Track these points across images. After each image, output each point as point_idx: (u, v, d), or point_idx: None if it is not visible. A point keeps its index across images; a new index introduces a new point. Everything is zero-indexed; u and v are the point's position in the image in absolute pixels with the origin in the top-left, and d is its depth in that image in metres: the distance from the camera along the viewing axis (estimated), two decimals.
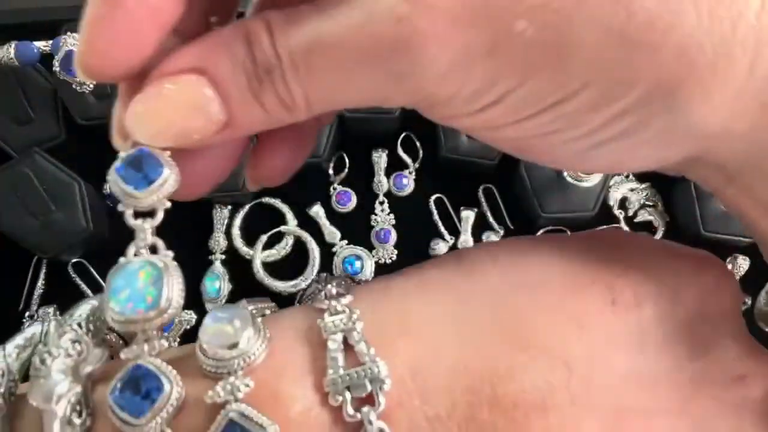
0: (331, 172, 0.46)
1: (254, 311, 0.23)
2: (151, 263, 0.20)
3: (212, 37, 0.19)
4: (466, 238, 0.43)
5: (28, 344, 0.22)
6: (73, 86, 0.39)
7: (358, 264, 0.43)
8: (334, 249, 0.44)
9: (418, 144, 0.46)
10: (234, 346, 0.19)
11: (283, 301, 0.42)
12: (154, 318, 0.19)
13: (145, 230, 0.21)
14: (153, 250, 0.21)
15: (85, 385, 0.20)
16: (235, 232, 0.44)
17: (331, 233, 0.44)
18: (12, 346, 0.22)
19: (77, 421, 0.19)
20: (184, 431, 0.19)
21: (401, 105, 0.19)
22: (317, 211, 0.44)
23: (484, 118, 0.19)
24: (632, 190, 0.44)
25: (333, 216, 0.45)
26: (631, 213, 0.44)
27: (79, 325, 0.21)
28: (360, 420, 0.19)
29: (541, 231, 0.44)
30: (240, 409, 0.18)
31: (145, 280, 0.20)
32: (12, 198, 0.41)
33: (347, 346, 0.20)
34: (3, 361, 0.21)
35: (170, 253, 0.21)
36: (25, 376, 0.21)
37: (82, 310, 0.22)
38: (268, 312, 0.24)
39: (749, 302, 0.43)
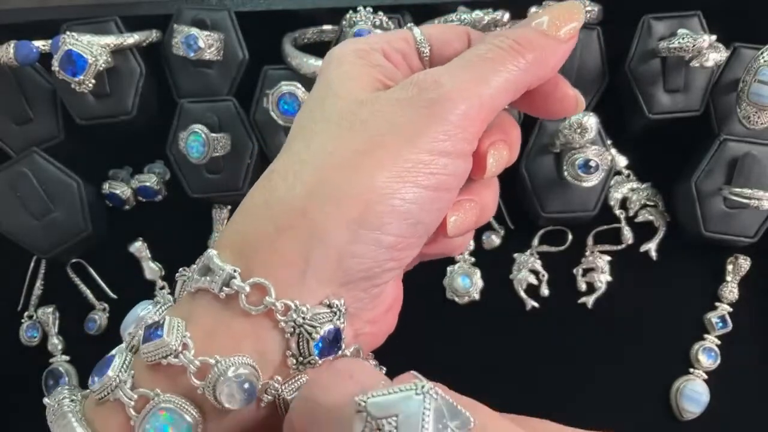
0: None
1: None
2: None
3: None
4: None
5: None
6: (73, 86, 0.39)
7: None
8: None
9: None
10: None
11: None
12: None
13: None
14: None
15: None
16: None
17: None
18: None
19: None
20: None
21: None
22: None
23: None
24: (633, 190, 0.44)
25: None
26: (631, 213, 0.44)
27: None
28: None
29: (541, 231, 0.44)
30: None
31: None
32: (11, 198, 0.41)
33: None
34: None
35: None
36: None
37: None
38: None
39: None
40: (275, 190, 0.25)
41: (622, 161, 0.45)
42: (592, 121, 0.38)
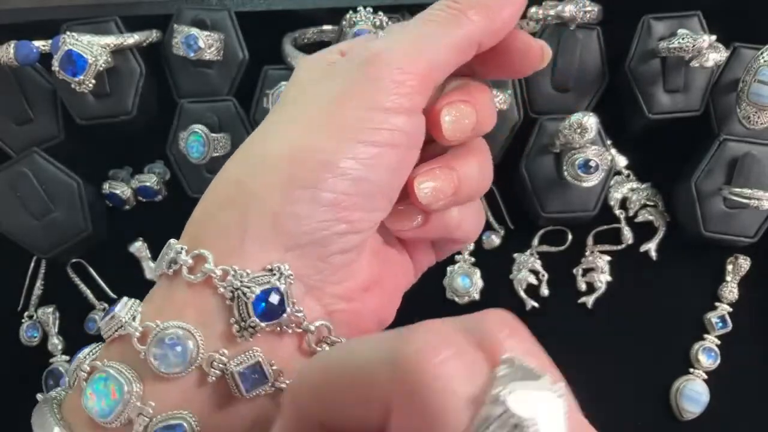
0: None
1: None
2: None
3: None
4: None
5: None
6: (73, 86, 0.39)
7: None
8: None
9: None
10: None
11: None
12: None
13: None
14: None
15: None
16: None
17: None
18: None
19: None
20: None
21: None
22: None
23: None
24: (633, 190, 0.44)
25: None
26: (631, 213, 0.44)
27: None
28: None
29: (541, 231, 0.44)
30: None
31: None
32: (11, 198, 0.41)
33: None
34: None
35: None
36: None
37: None
38: None
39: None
40: (223, 171, 0.26)
41: (622, 161, 0.45)
42: (592, 121, 0.38)
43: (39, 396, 0.26)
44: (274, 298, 0.23)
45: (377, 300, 0.27)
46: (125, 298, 0.25)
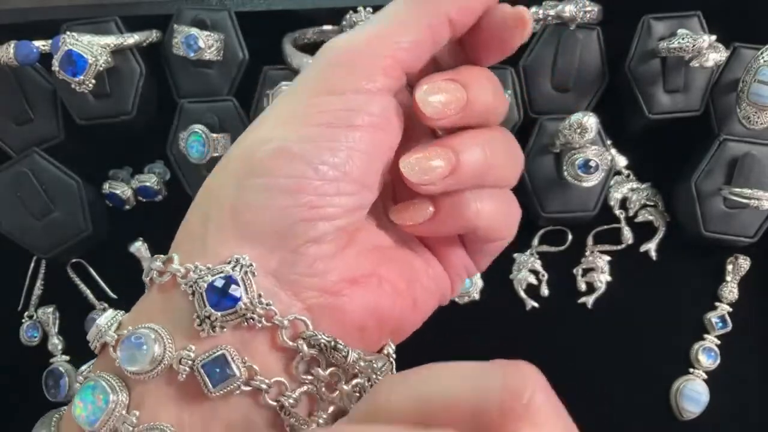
0: None
1: None
2: None
3: None
4: None
5: None
6: (73, 86, 0.39)
7: None
8: None
9: None
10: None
11: None
12: None
13: None
14: None
15: None
16: None
17: None
18: None
19: None
20: None
21: None
22: None
23: None
24: (633, 190, 0.44)
25: None
26: (631, 213, 0.44)
27: None
28: None
29: (541, 231, 0.44)
30: None
31: None
32: (12, 198, 0.41)
33: None
34: None
35: None
36: None
37: None
38: None
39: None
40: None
41: (622, 161, 0.45)
42: (592, 121, 0.38)
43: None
44: (225, 286, 0.23)
45: (370, 297, 0.25)
46: (110, 310, 0.25)
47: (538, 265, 0.44)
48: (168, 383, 0.23)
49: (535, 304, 0.43)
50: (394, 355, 0.27)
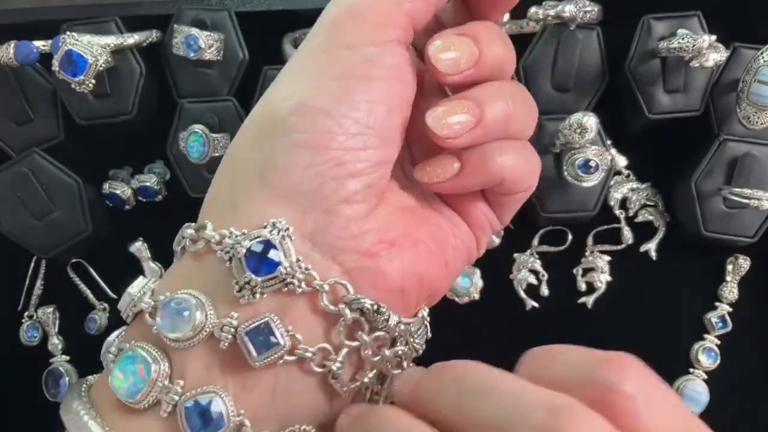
0: None
1: None
2: None
3: None
4: None
5: None
6: (73, 86, 0.39)
7: None
8: None
9: None
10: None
11: None
12: None
13: None
14: None
15: None
16: None
17: None
18: None
19: None
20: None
21: None
22: None
23: None
24: (633, 190, 0.44)
25: None
26: (631, 213, 0.44)
27: None
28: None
29: (541, 231, 0.44)
30: None
31: None
32: (12, 198, 0.41)
33: None
34: None
35: None
36: None
37: None
38: None
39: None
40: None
41: (622, 161, 0.45)
42: (592, 121, 0.38)
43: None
44: (263, 250, 0.22)
45: (408, 259, 0.25)
46: (140, 278, 0.25)
47: (538, 265, 0.44)
48: (208, 351, 0.23)
49: (535, 304, 0.43)
50: (428, 319, 0.26)
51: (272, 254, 0.22)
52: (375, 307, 0.23)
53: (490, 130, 0.25)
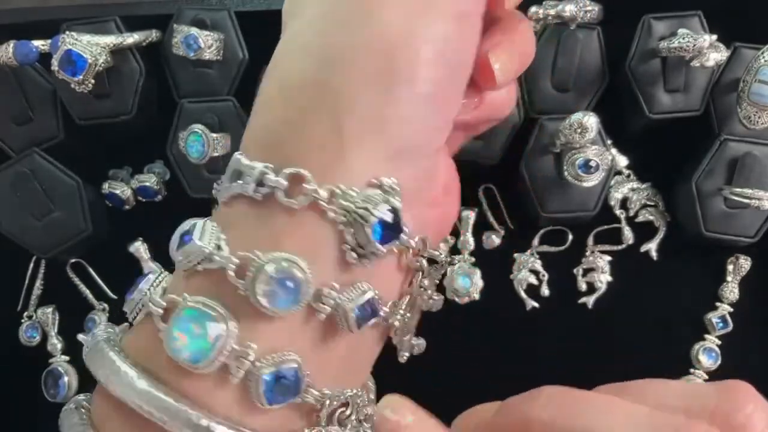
0: None
1: None
2: None
3: None
4: (467, 238, 0.43)
5: None
6: (72, 86, 0.39)
7: None
8: None
9: None
10: None
11: None
12: None
13: None
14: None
15: None
16: None
17: None
18: None
19: None
20: None
21: None
22: None
23: None
24: (633, 189, 0.44)
25: None
26: (632, 213, 0.44)
27: None
28: None
29: (541, 231, 0.44)
30: None
31: None
32: (11, 198, 0.41)
33: None
34: None
35: None
36: None
37: None
38: None
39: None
40: (285, 72, 0.22)
41: (622, 161, 0.44)
42: (592, 121, 0.38)
43: (80, 336, 0.23)
44: (393, 219, 0.20)
45: (455, 202, 0.24)
46: (198, 222, 0.22)
47: (538, 265, 0.44)
48: (295, 317, 0.20)
49: (536, 304, 0.43)
50: (448, 259, 0.26)
51: (397, 222, 0.20)
52: (448, 259, 0.23)
53: (520, 72, 0.26)
